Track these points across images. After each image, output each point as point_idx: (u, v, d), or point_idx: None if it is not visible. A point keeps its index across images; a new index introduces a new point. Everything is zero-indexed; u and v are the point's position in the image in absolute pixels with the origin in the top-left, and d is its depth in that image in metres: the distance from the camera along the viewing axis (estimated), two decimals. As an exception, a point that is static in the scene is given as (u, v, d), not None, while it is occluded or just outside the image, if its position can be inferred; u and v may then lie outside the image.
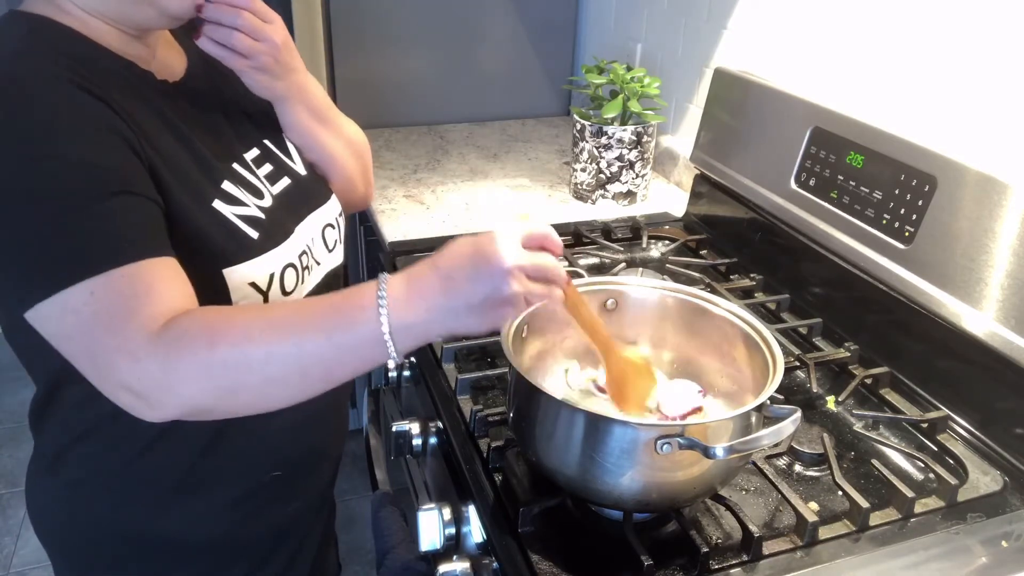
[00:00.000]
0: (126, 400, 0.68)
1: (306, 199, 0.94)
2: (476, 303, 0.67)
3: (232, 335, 0.68)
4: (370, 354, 0.69)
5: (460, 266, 0.68)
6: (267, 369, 0.68)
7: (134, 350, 0.66)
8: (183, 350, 0.66)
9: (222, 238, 0.79)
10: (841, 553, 0.81)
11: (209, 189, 0.80)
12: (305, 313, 0.70)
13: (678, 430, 0.74)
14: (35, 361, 0.83)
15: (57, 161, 0.67)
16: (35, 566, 2.14)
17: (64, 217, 0.66)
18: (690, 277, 1.33)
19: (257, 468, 0.91)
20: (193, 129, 0.82)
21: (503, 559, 0.81)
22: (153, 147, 0.75)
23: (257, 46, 0.87)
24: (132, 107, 0.75)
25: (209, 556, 0.93)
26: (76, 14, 0.77)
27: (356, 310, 0.68)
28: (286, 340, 0.68)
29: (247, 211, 0.83)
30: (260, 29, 0.87)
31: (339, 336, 0.68)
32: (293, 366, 0.68)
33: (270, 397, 0.71)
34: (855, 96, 1.26)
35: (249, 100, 0.98)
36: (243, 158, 0.88)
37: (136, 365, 0.66)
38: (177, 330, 0.67)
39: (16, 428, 2.63)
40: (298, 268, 0.87)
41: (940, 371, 1.05)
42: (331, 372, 0.71)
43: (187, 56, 0.91)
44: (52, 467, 0.88)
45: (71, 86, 0.70)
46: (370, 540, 1.16)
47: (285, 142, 0.98)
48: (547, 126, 2.19)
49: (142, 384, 0.67)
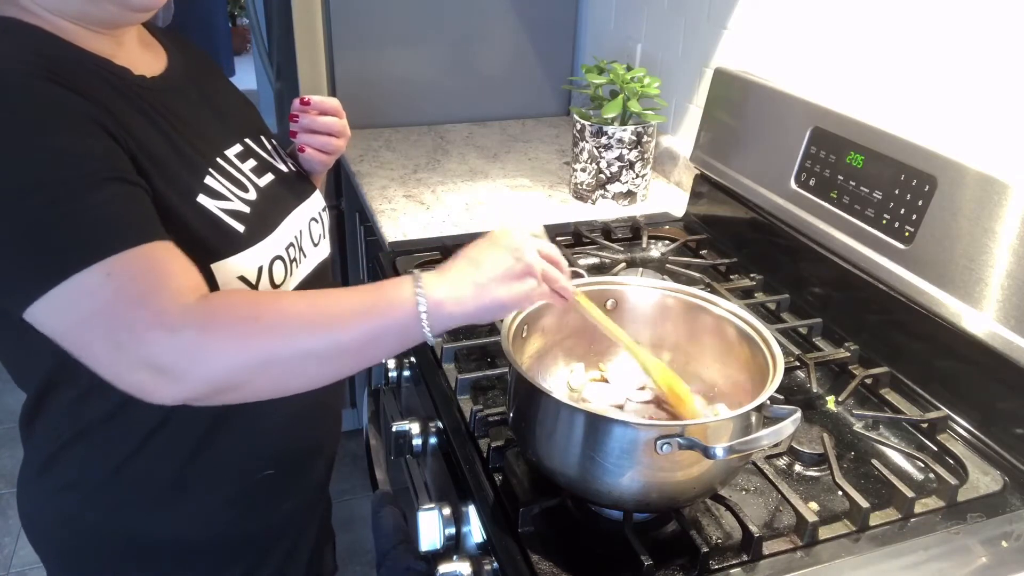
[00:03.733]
0: (143, 380, 0.66)
1: (290, 193, 0.94)
2: (500, 274, 0.74)
3: (275, 306, 0.69)
4: (406, 334, 0.72)
5: (481, 248, 0.76)
6: (307, 342, 0.69)
7: (169, 320, 0.65)
8: (226, 316, 0.67)
9: (208, 233, 0.79)
10: (841, 553, 0.81)
11: (193, 183, 0.80)
12: (344, 295, 0.73)
13: (678, 430, 0.74)
14: (23, 368, 0.82)
15: (46, 153, 0.67)
16: (35, 566, 2.14)
17: (63, 206, 0.66)
18: (690, 277, 1.33)
19: (249, 467, 0.91)
20: (174, 124, 0.82)
21: (503, 559, 0.81)
22: (135, 140, 0.74)
23: (342, 145, 1.06)
24: (110, 102, 0.75)
25: (204, 556, 0.93)
26: (42, 15, 0.76)
27: (393, 291, 0.72)
28: (326, 315, 0.70)
29: (232, 205, 0.83)
30: (344, 129, 1.05)
31: (378, 314, 0.71)
32: (331, 342, 0.70)
33: (304, 373, 0.71)
34: (855, 96, 1.26)
35: (230, 101, 0.99)
36: (225, 154, 0.88)
37: (170, 335, 0.65)
38: (219, 300, 0.68)
39: (16, 428, 2.62)
40: (286, 261, 0.87)
41: (940, 371, 1.05)
42: (366, 351, 0.72)
43: (167, 54, 0.91)
44: (43, 472, 0.87)
45: (48, 82, 0.70)
46: (370, 540, 1.16)
47: (265, 142, 0.98)
48: (547, 126, 2.19)
49: (172, 356, 0.65)
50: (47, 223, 0.66)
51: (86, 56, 0.78)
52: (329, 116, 1.03)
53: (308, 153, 1.03)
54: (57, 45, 0.76)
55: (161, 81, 0.86)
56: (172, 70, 0.90)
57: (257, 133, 0.98)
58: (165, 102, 0.83)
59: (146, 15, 0.83)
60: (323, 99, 1.03)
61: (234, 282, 0.79)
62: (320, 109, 1.03)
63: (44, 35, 0.76)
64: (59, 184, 0.66)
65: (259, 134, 0.98)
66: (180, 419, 0.82)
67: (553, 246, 0.80)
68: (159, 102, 0.82)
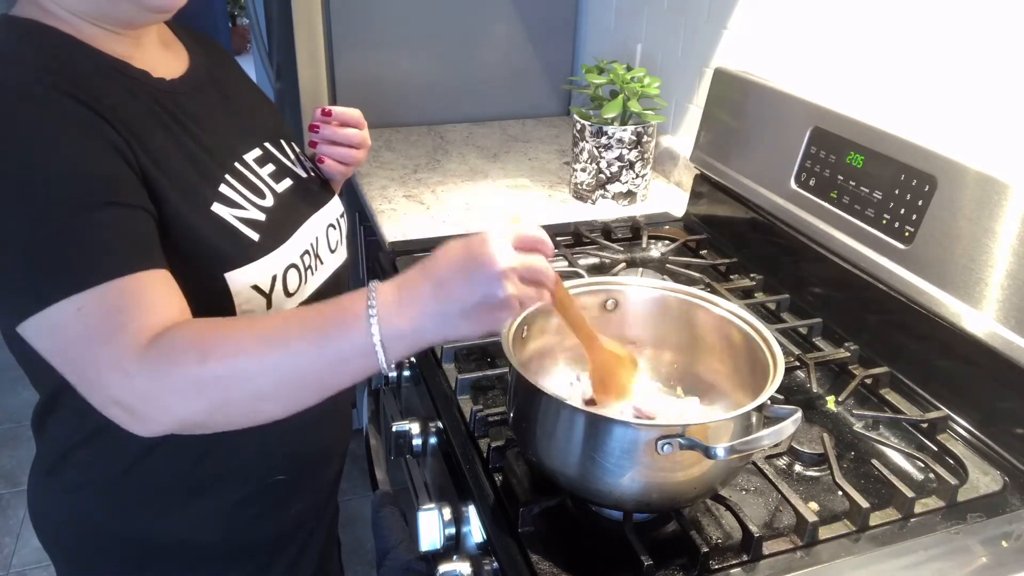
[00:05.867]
0: (117, 415, 0.67)
1: (308, 200, 0.94)
2: (469, 307, 0.66)
3: (222, 348, 0.66)
4: (361, 364, 0.68)
5: (452, 271, 0.67)
6: (258, 382, 0.67)
7: (124, 365, 0.65)
8: (173, 364, 0.65)
9: (222, 242, 0.78)
10: (841, 553, 0.81)
11: (207, 192, 0.79)
12: (295, 324, 0.69)
13: (679, 430, 0.74)
14: (36, 369, 0.82)
15: (42, 172, 0.66)
16: (35, 566, 2.14)
17: (49, 230, 0.65)
18: (690, 277, 1.33)
19: (259, 472, 0.91)
20: (190, 126, 0.82)
21: (503, 559, 0.81)
22: (145, 150, 0.74)
23: (363, 156, 1.04)
24: (123, 109, 0.74)
25: (212, 560, 0.92)
26: (62, 16, 0.76)
27: (347, 319, 0.67)
28: (275, 352, 0.67)
29: (247, 213, 0.82)
30: (365, 140, 1.03)
31: (330, 347, 0.67)
32: (283, 379, 0.67)
33: (261, 411, 0.70)
34: (855, 96, 1.26)
35: (252, 102, 0.98)
36: (244, 158, 0.88)
37: (126, 380, 0.65)
38: (166, 344, 0.66)
39: (16, 428, 2.62)
40: (300, 268, 0.86)
41: (940, 371, 1.05)
42: (323, 383, 0.70)
43: (189, 55, 0.91)
44: (53, 471, 0.88)
45: (57, 94, 0.69)
46: (370, 540, 1.16)
47: (285, 146, 0.97)
48: (547, 126, 2.19)
49: (132, 399, 0.66)
50: (32, 247, 0.66)
51: (104, 59, 0.77)
52: (351, 128, 1.01)
53: (327, 164, 1.01)
54: (75, 48, 0.76)
55: (180, 84, 0.85)
56: (193, 71, 0.89)
57: (277, 136, 0.97)
58: (183, 106, 0.83)
59: (164, 16, 0.82)
60: (344, 110, 1.01)
61: (247, 291, 0.79)
62: (341, 120, 1.01)
63: (62, 38, 0.75)
64: (51, 206, 0.66)
65: (279, 137, 0.97)
66: None
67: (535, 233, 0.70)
68: (177, 106, 0.82)
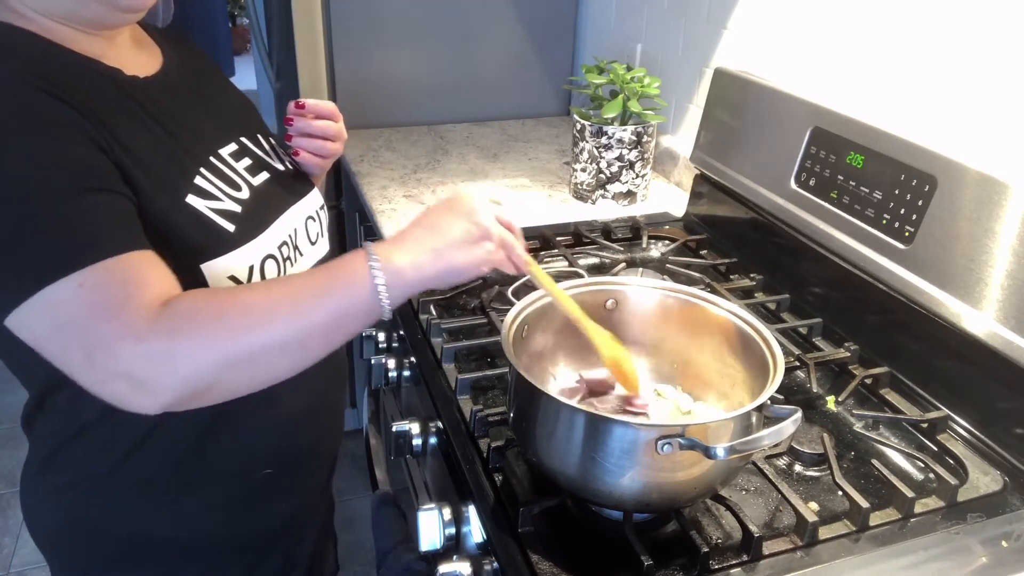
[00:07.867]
0: (119, 391, 0.67)
1: (286, 192, 0.94)
2: (458, 238, 0.75)
3: (236, 305, 0.70)
4: (364, 307, 0.72)
5: (438, 214, 0.77)
6: (270, 334, 0.69)
7: (137, 332, 0.65)
8: (190, 321, 0.67)
9: (197, 233, 0.79)
10: (841, 553, 0.81)
11: (182, 184, 0.80)
12: (301, 278, 0.75)
13: (679, 430, 0.74)
14: (23, 369, 0.82)
15: (25, 161, 0.67)
16: (35, 566, 2.14)
17: (39, 215, 0.66)
18: (690, 277, 1.33)
19: (247, 466, 0.91)
20: (165, 123, 0.82)
21: (503, 559, 0.81)
22: (120, 144, 0.74)
23: (339, 148, 1.05)
24: (97, 105, 0.75)
25: (204, 555, 0.93)
26: (33, 17, 0.77)
27: (348, 265, 0.73)
28: (285, 302, 0.71)
29: (222, 205, 0.83)
30: (340, 132, 1.04)
31: (335, 291, 0.72)
32: (293, 329, 0.70)
33: (270, 367, 0.71)
34: (855, 96, 1.26)
35: (228, 101, 0.98)
36: (219, 152, 0.88)
37: (139, 346, 0.65)
38: (180, 305, 0.68)
39: (16, 428, 2.61)
40: (279, 260, 0.87)
41: (940, 371, 1.05)
42: (330, 333, 0.73)
43: (163, 55, 0.91)
44: (43, 470, 0.88)
45: (32, 89, 0.70)
46: (370, 540, 1.16)
47: (263, 141, 0.98)
48: (547, 126, 2.19)
49: (143, 365, 0.66)
50: (24, 233, 0.66)
51: (75, 58, 0.78)
52: (325, 120, 1.03)
53: (303, 157, 1.03)
54: (46, 48, 0.76)
55: (154, 81, 0.86)
56: (167, 69, 0.89)
57: (254, 132, 0.98)
58: (157, 101, 0.83)
59: (135, 16, 0.82)
60: (318, 102, 1.02)
61: (224, 282, 0.79)
62: (315, 113, 1.02)
63: (33, 38, 0.76)
64: (38, 194, 0.66)
65: (256, 133, 0.98)
66: (178, 418, 0.82)
67: (510, 212, 0.81)
68: (151, 101, 0.82)
